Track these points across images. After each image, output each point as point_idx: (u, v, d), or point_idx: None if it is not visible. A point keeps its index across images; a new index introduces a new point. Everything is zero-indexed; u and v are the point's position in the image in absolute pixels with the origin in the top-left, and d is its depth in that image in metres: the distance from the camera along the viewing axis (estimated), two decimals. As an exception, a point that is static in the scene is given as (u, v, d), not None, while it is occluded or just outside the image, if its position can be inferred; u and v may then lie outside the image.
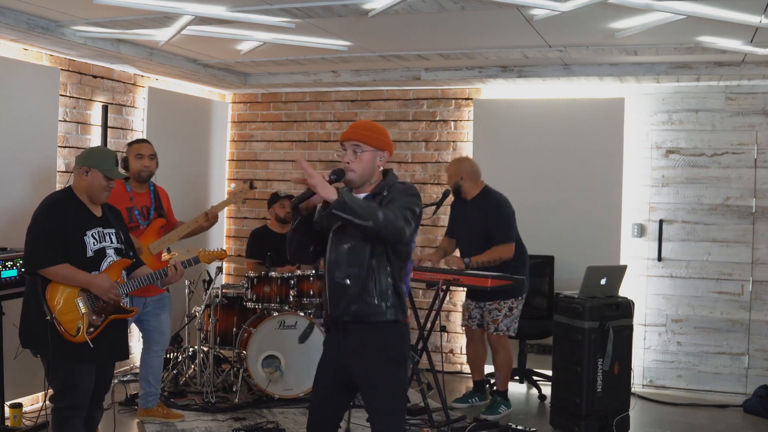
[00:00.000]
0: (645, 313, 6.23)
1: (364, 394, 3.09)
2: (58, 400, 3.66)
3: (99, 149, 3.94)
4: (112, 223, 3.85)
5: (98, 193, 3.75)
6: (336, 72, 6.53)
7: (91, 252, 3.69)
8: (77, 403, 3.65)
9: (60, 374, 3.61)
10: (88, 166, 3.72)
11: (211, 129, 7.29)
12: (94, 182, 3.72)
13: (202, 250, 4.44)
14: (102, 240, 3.75)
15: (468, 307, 5.58)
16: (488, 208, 5.39)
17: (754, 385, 5.87)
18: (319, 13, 4.32)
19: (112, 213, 3.93)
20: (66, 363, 3.60)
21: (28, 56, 5.27)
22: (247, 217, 7.55)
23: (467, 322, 5.61)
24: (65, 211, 3.66)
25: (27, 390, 5.11)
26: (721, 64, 5.60)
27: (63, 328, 3.56)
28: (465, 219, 5.52)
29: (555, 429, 5.11)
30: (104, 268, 3.74)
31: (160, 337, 4.98)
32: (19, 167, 5.14)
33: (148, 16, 4.52)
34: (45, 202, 3.73)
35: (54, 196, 3.81)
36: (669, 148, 6.26)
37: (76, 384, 3.63)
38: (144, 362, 5.00)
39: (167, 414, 5.04)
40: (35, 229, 3.64)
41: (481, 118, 6.69)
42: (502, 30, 4.85)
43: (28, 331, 3.67)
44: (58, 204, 3.70)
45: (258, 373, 5.44)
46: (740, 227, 6.06)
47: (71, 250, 3.62)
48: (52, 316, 3.55)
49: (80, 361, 3.64)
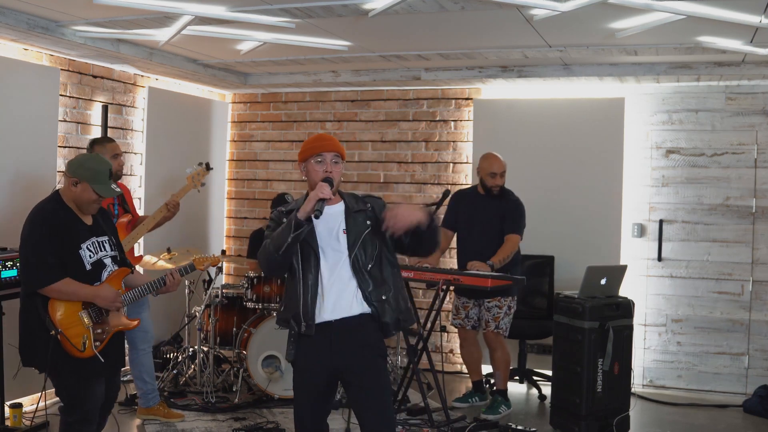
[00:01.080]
0: (645, 313, 6.23)
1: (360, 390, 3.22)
2: (69, 414, 3.53)
3: (92, 160, 3.62)
4: (104, 230, 3.66)
5: (86, 206, 3.55)
6: (336, 72, 6.53)
7: (88, 266, 3.52)
8: (87, 417, 3.54)
9: (68, 390, 3.50)
10: (79, 178, 3.49)
11: (211, 129, 7.29)
12: (83, 195, 3.51)
13: (196, 257, 4.39)
14: (98, 251, 3.58)
15: (465, 306, 5.53)
16: (509, 203, 5.47)
17: (754, 385, 5.87)
18: (319, 13, 4.32)
19: (102, 216, 3.73)
20: (73, 378, 3.48)
21: (28, 56, 5.27)
22: (247, 217, 7.55)
23: (462, 322, 5.56)
24: (57, 224, 3.46)
25: (27, 390, 5.10)
26: (721, 64, 5.60)
27: (70, 343, 3.42)
28: (482, 213, 5.47)
29: (555, 429, 5.11)
30: (104, 278, 3.58)
31: (146, 335, 4.95)
32: (19, 167, 5.14)
33: (148, 16, 4.52)
34: (35, 216, 3.51)
35: (43, 207, 3.55)
36: (669, 148, 6.26)
37: (85, 398, 3.51)
38: (134, 362, 4.96)
39: (168, 414, 5.03)
40: (28, 245, 3.45)
41: (481, 118, 6.69)
42: (502, 30, 4.85)
43: (29, 350, 3.50)
44: (49, 217, 3.48)
45: (258, 373, 5.44)
46: (740, 227, 6.06)
47: (69, 265, 3.45)
48: (58, 331, 3.39)
49: (88, 375, 3.51)
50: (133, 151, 6.28)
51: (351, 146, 7.10)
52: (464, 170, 6.81)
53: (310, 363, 3.24)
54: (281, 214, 3.30)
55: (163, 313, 6.48)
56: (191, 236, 6.85)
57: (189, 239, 6.68)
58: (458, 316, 5.59)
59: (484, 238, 5.41)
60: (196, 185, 5.16)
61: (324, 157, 3.21)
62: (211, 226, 7.33)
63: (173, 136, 6.69)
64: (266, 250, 3.19)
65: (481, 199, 5.53)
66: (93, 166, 3.54)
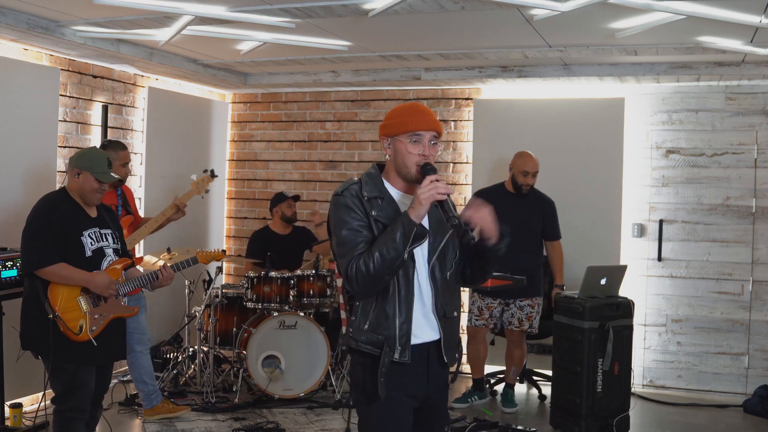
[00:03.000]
0: (645, 313, 6.23)
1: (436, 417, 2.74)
2: (61, 402, 3.65)
3: (91, 151, 3.88)
4: (108, 224, 3.84)
5: (90, 195, 3.73)
6: (336, 72, 6.53)
7: (89, 252, 3.68)
8: (80, 405, 3.65)
9: (62, 376, 3.61)
10: (79, 168, 3.70)
11: (211, 129, 7.29)
12: (85, 185, 3.70)
13: (200, 250, 4.44)
14: (99, 240, 3.75)
15: (489, 307, 5.49)
16: (544, 204, 5.53)
17: (754, 385, 5.87)
18: (319, 13, 4.32)
19: (107, 213, 3.91)
20: (68, 365, 3.60)
21: (28, 56, 5.27)
22: (247, 217, 7.55)
23: (486, 322, 5.52)
24: (60, 211, 3.65)
25: (27, 390, 5.11)
26: (721, 64, 5.60)
27: (66, 327, 3.56)
28: (515, 212, 5.30)
29: (555, 429, 5.11)
30: (104, 267, 3.74)
31: (142, 337, 4.96)
32: (19, 167, 5.14)
33: (148, 16, 4.52)
34: (39, 204, 3.72)
35: (48, 197, 3.78)
36: (669, 148, 6.26)
37: (78, 386, 3.62)
38: (133, 364, 4.96)
39: (173, 408, 5.03)
40: (30, 230, 3.63)
41: (481, 118, 6.69)
42: (502, 30, 4.85)
43: (28, 333, 3.66)
44: (53, 204, 3.68)
45: (258, 373, 5.44)
46: (740, 227, 6.06)
47: (69, 250, 3.61)
48: (55, 314, 3.54)
49: (82, 362, 3.63)
50: (133, 151, 6.28)
51: (351, 146, 7.11)
52: (464, 170, 6.81)
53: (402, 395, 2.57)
54: (359, 200, 2.53)
55: (163, 313, 6.48)
56: (191, 236, 6.85)
57: (189, 239, 6.68)
58: (482, 317, 5.53)
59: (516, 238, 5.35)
60: (200, 191, 5.25)
61: (421, 137, 2.52)
62: (211, 226, 7.32)
63: (173, 136, 6.69)
64: (369, 266, 2.41)
65: (510, 198, 5.50)
66: (91, 156, 3.76)
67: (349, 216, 2.51)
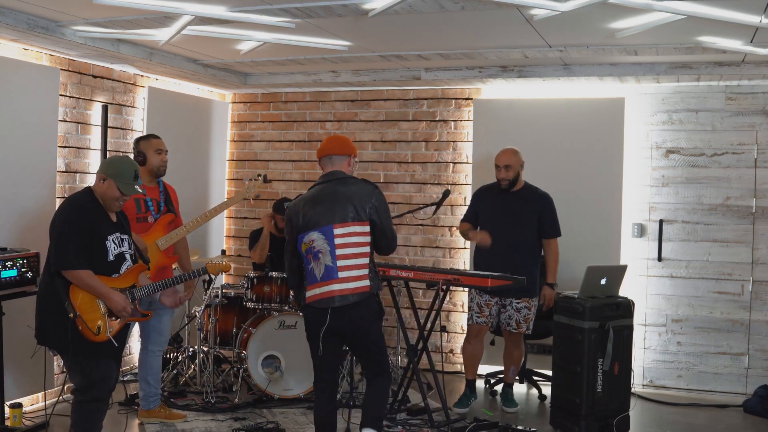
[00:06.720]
0: (645, 313, 6.24)
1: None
2: (83, 394, 3.75)
3: (121, 160, 3.93)
4: (125, 229, 3.96)
5: (110, 202, 3.83)
6: (336, 72, 6.53)
7: (111, 256, 3.80)
8: (102, 396, 3.78)
9: (83, 370, 3.72)
10: (106, 175, 3.80)
11: (211, 129, 7.29)
12: (108, 191, 3.80)
13: (209, 261, 4.54)
14: (120, 245, 3.87)
15: (488, 304, 5.44)
16: (541, 201, 5.48)
17: (754, 385, 5.87)
18: (319, 13, 4.32)
19: (125, 219, 4.03)
20: (87, 359, 3.71)
21: (28, 56, 5.27)
22: (247, 217, 7.55)
23: (486, 320, 5.47)
24: (90, 214, 3.75)
25: (27, 390, 5.11)
26: (721, 64, 5.60)
27: (86, 326, 3.66)
28: (506, 209, 5.41)
29: (555, 429, 5.12)
30: (123, 271, 3.86)
31: (159, 338, 4.97)
32: (19, 167, 5.13)
33: (148, 16, 4.52)
34: (71, 204, 3.79)
35: (79, 198, 3.85)
36: (669, 148, 6.26)
37: (101, 378, 3.74)
38: (143, 363, 4.98)
39: (169, 415, 5.03)
40: (63, 228, 3.70)
41: (481, 118, 6.69)
42: (502, 30, 4.85)
43: (44, 328, 3.75)
44: (84, 207, 3.78)
45: (258, 373, 5.44)
46: (740, 227, 6.06)
47: (94, 253, 3.72)
48: (76, 314, 3.63)
49: (102, 356, 3.75)
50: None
51: (351, 146, 7.09)
52: (464, 170, 6.81)
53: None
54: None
55: (163, 313, 6.47)
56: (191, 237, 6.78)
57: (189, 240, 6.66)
58: (482, 314, 5.46)
59: (510, 233, 5.39)
60: (249, 196, 5.42)
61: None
62: (211, 226, 7.32)
63: (173, 136, 6.65)
64: None
65: (502, 195, 5.51)
66: (120, 165, 3.85)
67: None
